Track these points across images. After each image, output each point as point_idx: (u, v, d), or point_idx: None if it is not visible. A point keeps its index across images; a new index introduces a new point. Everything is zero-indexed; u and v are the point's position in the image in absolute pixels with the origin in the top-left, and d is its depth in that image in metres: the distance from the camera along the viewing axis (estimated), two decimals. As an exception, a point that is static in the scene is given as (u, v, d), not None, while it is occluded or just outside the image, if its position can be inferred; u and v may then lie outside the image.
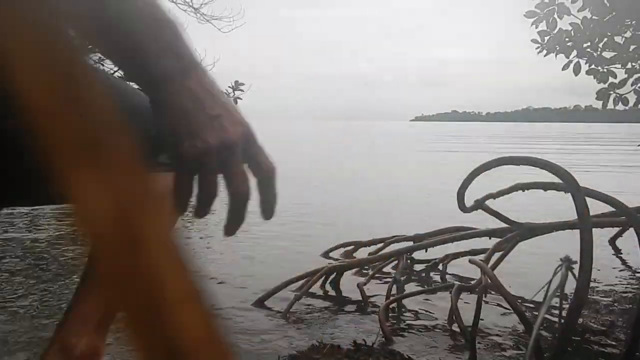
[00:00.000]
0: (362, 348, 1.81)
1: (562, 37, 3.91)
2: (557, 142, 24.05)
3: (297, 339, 1.94)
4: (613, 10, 3.66)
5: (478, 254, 2.54)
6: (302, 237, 3.60)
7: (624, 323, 2.13)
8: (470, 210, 2.12)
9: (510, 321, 2.12)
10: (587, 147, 18.73)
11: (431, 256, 2.89)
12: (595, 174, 8.31)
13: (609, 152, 15.06)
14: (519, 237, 2.50)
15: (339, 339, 1.93)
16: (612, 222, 2.70)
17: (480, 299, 1.93)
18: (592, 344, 1.95)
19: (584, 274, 1.53)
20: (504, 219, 2.45)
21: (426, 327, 2.09)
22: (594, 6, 3.75)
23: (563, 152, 14.76)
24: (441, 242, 2.82)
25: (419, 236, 2.97)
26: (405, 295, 2.33)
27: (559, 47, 3.94)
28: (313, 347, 1.82)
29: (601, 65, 3.91)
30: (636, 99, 3.95)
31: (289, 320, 2.12)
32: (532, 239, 2.57)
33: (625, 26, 3.75)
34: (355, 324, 2.11)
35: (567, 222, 2.42)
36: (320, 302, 2.38)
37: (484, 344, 1.92)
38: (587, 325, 2.09)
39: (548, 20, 3.90)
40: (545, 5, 3.88)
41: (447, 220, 3.11)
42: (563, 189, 1.72)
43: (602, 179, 7.47)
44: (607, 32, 3.80)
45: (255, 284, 2.57)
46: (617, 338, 2.00)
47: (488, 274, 1.95)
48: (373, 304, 2.33)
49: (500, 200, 2.08)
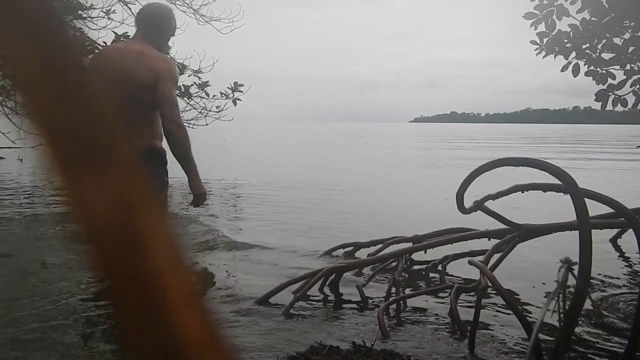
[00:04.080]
0: (361, 349, 1.81)
1: (561, 39, 3.91)
2: (556, 143, 24.07)
3: (297, 339, 1.94)
4: (612, 12, 3.67)
5: (477, 255, 2.54)
6: (303, 237, 3.60)
7: (624, 323, 2.13)
8: (470, 211, 2.11)
9: (510, 322, 2.11)
10: (586, 148, 18.74)
11: (430, 257, 2.89)
12: (595, 175, 8.31)
13: (609, 154, 15.08)
14: (518, 238, 2.50)
15: (338, 339, 1.93)
16: (611, 223, 2.70)
17: (479, 300, 1.94)
18: (592, 344, 1.95)
19: (583, 275, 1.53)
20: (503, 220, 2.45)
21: (425, 327, 2.09)
22: (593, 8, 3.75)
23: (562, 154, 14.77)
24: (440, 243, 2.82)
25: (419, 237, 2.97)
26: (404, 296, 2.33)
27: (558, 49, 3.94)
28: (312, 347, 1.82)
29: (600, 67, 3.91)
30: (635, 100, 3.95)
31: (289, 321, 2.12)
32: (531, 240, 2.57)
33: (624, 28, 3.76)
34: (355, 325, 2.11)
35: (566, 224, 2.42)
36: (320, 303, 2.38)
37: (483, 344, 1.92)
38: (587, 325, 2.09)
39: (547, 22, 3.90)
40: (544, 7, 3.88)
41: (447, 222, 3.12)
42: (562, 190, 1.72)
43: (602, 180, 7.48)
44: (605, 34, 3.80)
45: (255, 284, 2.58)
46: (618, 338, 2.00)
47: (487, 275, 1.95)
48: (372, 304, 2.33)
49: (500, 202, 2.08)
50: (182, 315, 0.23)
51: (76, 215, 0.23)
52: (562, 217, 2.49)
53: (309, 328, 2.06)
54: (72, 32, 0.23)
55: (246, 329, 2.03)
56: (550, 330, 2.01)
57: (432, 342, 1.96)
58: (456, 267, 2.81)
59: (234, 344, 0.23)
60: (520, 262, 2.81)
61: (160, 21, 3.32)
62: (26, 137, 0.25)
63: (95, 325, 2.01)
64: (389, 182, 7.48)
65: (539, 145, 21.66)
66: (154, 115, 3.12)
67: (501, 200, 2.05)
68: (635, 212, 2.21)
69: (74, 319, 2.08)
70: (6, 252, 3.05)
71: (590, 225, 1.60)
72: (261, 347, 1.87)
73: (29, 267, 2.75)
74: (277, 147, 17.47)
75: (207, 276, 2.70)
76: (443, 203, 4.36)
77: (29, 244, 3.29)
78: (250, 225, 4.13)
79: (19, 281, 2.52)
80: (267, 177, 7.34)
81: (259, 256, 3.13)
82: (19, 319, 2.05)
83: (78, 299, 2.31)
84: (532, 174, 1.95)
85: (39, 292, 2.36)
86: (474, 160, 5.79)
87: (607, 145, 20.88)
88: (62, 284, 2.49)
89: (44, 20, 0.22)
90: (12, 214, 4.29)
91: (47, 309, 2.16)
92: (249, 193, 5.96)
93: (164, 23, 3.33)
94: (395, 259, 2.71)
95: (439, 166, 10.28)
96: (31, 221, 4.00)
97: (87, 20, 5.78)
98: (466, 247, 2.82)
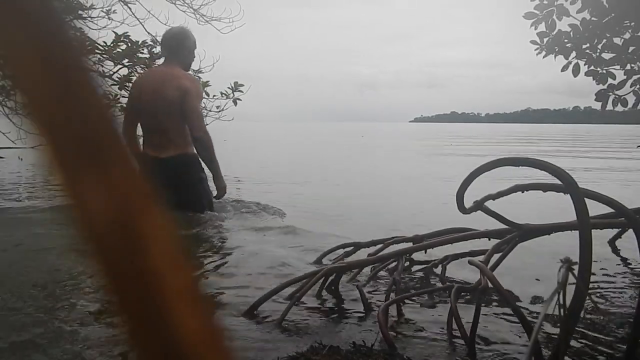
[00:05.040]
0: (362, 349, 1.81)
1: (561, 39, 3.91)
2: (556, 143, 24.07)
3: (297, 339, 1.94)
4: (612, 12, 3.67)
5: (477, 255, 2.54)
6: (303, 237, 3.60)
7: (624, 323, 2.13)
8: (470, 211, 2.11)
9: (510, 322, 2.12)
10: (586, 148, 18.74)
11: (430, 257, 2.88)
12: (595, 174, 8.31)
13: (608, 153, 15.08)
14: (518, 238, 2.50)
15: (338, 340, 1.93)
16: (611, 223, 2.70)
17: (479, 300, 1.93)
18: (592, 344, 1.95)
19: (583, 275, 1.53)
20: (503, 220, 2.45)
21: (425, 328, 2.09)
22: (593, 7, 3.75)
23: (562, 153, 14.77)
24: (440, 243, 2.82)
25: (419, 237, 2.97)
26: (404, 296, 2.33)
27: (558, 49, 3.94)
28: (312, 348, 1.82)
29: (600, 67, 3.91)
30: (635, 100, 3.95)
31: (288, 321, 2.12)
32: (532, 240, 2.57)
33: (624, 27, 3.76)
34: (355, 325, 2.11)
35: (567, 224, 2.42)
36: (320, 303, 2.38)
37: (483, 345, 1.92)
38: (587, 326, 2.09)
39: (547, 22, 3.90)
40: (544, 7, 3.88)
41: (447, 222, 3.11)
42: (562, 190, 1.72)
43: (602, 180, 7.48)
44: (606, 34, 3.80)
45: (254, 284, 2.58)
46: (618, 338, 2.00)
47: (487, 275, 1.95)
48: (372, 304, 2.33)
49: (500, 202, 2.08)
50: (182, 315, 0.23)
51: (76, 215, 0.23)
52: (562, 217, 2.49)
53: (309, 328, 2.07)
54: (72, 32, 0.23)
55: (246, 328, 2.03)
56: (550, 330, 2.01)
57: (432, 342, 1.96)
58: (456, 267, 2.81)
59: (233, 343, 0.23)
60: (521, 262, 2.81)
61: (180, 42, 4.04)
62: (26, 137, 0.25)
63: (95, 325, 2.01)
64: (389, 182, 7.48)
65: (539, 145, 21.65)
66: (183, 126, 3.85)
67: (501, 200, 2.05)
68: (635, 212, 2.21)
69: (73, 318, 2.08)
70: (3, 249, 3.05)
71: (590, 225, 1.60)
72: (261, 347, 1.87)
73: (28, 266, 2.75)
74: (276, 147, 17.48)
75: (207, 275, 2.70)
76: (443, 203, 4.37)
77: (29, 244, 3.29)
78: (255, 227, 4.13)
79: (16, 280, 2.52)
80: (267, 177, 7.34)
81: (259, 255, 3.13)
82: (16, 321, 2.05)
83: (78, 299, 2.31)
84: (532, 174, 1.95)
85: (37, 292, 2.36)
86: (474, 161, 5.79)
87: (608, 145, 20.87)
88: (62, 283, 2.49)
89: (44, 20, 0.22)
90: (12, 214, 4.29)
91: (45, 309, 2.16)
92: (248, 191, 5.96)
93: (184, 42, 4.04)
94: (395, 259, 2.71)
95: (439, 166, 10.28)
96: (31, 221, 3.99)
97: (87, 20, 5.78)
98: (466, 247, 2.82)
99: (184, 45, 4.07)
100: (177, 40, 4.07)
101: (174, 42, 4.07)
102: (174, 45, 4.07)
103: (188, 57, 4.13)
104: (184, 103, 3.86)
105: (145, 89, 3.99)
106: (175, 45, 4.06)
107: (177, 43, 4.06)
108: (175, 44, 4.06)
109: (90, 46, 4.68)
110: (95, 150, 0.23)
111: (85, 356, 1.77)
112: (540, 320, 1.11)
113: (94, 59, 3.30)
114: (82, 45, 0.23)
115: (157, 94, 3.89)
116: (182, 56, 4.07)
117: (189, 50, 4.12)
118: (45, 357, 1.75)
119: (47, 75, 0.22)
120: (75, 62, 0.23)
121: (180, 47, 4.07)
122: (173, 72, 3.96)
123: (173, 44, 4.07)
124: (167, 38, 4.13)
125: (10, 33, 0.22)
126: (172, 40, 4.09)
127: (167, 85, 3.89)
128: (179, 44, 4.06)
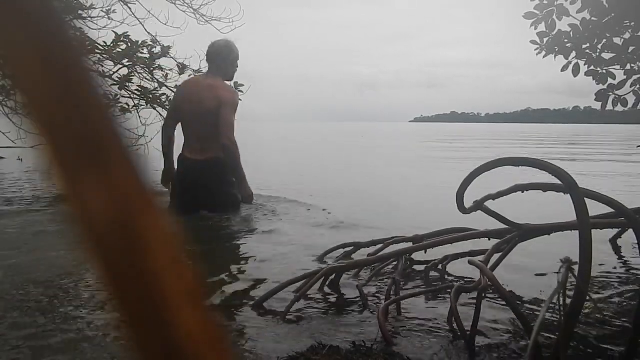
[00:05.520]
0: (362, 349, 1.81)
1: (561, 39, 3.90)
2: (556, 143, 24.07)
3: (297, 339, 1.94)
4: (612, 12, 3.66)
5: (477, 255, 2.54)
6: (302, 237, 3.60)
7: (624, 322, 2.13)
8: (470, 211, 2.11)
9: (510, 322, 2.11)
10: (586, 148, 18.74)
11: (431, 257, 2.88)
12: (595, 174, 8.31)
13: (609, 153, 15.07)
14: (518, 238, 2.50)
15: (338, 340, 1.93)
16: (611, 223, 2.70)
17: (479, 300, 1.93)
18: (592, 344, 1.95)
19: (583, 275, 1.53)
20: (503, 220, 2.45)
21: (425, 328, 2.09)
22: (593, 7, 3.75)
23: (562, 153, 14.77)
24: (441, 243, 2.82)
25: (419, 237, 2.97)
26: (404, 296, 2.33)
27: (558, 49, 3.94)
28: (312, 348, 1.82)
29: (600, 67, 3.91)
30: (635, 100, 3.94)
31: (289, 321, 2.12)
32: (532, 240, 2.57)
33: (624, 27, 3.75)
34: (355, 325, 2.11)
35: (567, 224, 2.42)
36: (320, 303, 2.38)
37: (483, 345, 1.92)
38: (587, 325, 2.09)
39: (547, 22, 3.90)
40: (544, 7, 3.88)
41: (447, 222, 3.11)
42: (562, 190, 1.72)
43: (602, 180, 7.48)
44: (606, 34, 3.79)
45: (254, 284, 2.58)
46: (618, 337, 2.00)
47: (487, 274, 1.95)
48: (372, 304, 2.33)
49: (500, 202, 2.08)
50: (183, 315, 0.23)
51: (76, 215, 0.23)
52: (562, 217, 2.49)
53: (309, 328, 2.06)
54: (72, 32, 0.23)
55: (246, 329, 2.03)
56: (551, 330, 2.01)
57: (432, 342, 1.96)
58: (456, 267, 2.81)
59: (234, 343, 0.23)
60: (521, 262, 2.81)
61: (225, 58, 4.39)
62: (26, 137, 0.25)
63: (95, 325, 2.01)
64: (389, 182, 7.48)
65: (539, 145, 21.65)
66: (218, 133, 4.19)
67: (501, 200, 2.05)
68: (635, 212, 2.21)
69: (73, 319, 2.08)
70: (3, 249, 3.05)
71: (591, 225, 1.60)
72: (261, 347, 1.87)
73: (26, 266, 2.75)
74: (277, 147, 17.47)
75: (207, 275, 2.70)
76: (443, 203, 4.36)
77: (29, 243, 3.29)
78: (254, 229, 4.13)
79: (14, 279, 2.52)
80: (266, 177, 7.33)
81: (259, 256, 3.13)
82: (15, 321, 2.05)
83: (77, 299, 2.31)
84: (532, 174, 1.95)
85: (36, 292, 2.36)
86: (474, 160, 5.79)
87: (608, 145, 20.87)
88: (61, 283, 2.49)
89: (44, 20, 0.22)
90: (11, 214, 4.29)
91: (45, 308, 2.17)
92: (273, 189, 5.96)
93: (229, 55, 4.41)
94: (395, 259, 2.71)
95: (439, 166, 10.28)
96: (31, 220, 3.99)
97: (87, 20, 5.78)
98: (466, 247, 2.82)
99: (228, 59, 4.43)
100: (221, 55, 4.42)
101: (219, 57, 4.42)
102: (219, 60, 4.41)
103: (230, 70, 4.50)
104: (219, 113, 4.21)
105: (187, 97, 4.36)
106: (220, 59, 4.40)
107: (223, 58, 4.41)
108: (221, 59, 4.41)
109: (90, 46, 4.69)
110: (95, 150, 0.23)
111: (85, 356, 1.77)
112: (541, 320, 1.11)
113: (94, 59, 3.30)
114: (82, 45, 0.23)
115: (197, 103, 4.26)
116: (226, 68, 4.43)
117: (232, 63, 4.48)
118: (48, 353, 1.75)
119: (47, 75, 0.22)
120: (75, 62, 0.23)
121: (226, 60, 4.42)
122: (213, 83, 4.33)
123: (217, 59, 4.42)
124: (211, 52, 4.46)
125: (10, 33, 0.22)
126: (217, 54, 4.43)
127: (207, 95, 4.26)
128: (225, 58, 4.42)
